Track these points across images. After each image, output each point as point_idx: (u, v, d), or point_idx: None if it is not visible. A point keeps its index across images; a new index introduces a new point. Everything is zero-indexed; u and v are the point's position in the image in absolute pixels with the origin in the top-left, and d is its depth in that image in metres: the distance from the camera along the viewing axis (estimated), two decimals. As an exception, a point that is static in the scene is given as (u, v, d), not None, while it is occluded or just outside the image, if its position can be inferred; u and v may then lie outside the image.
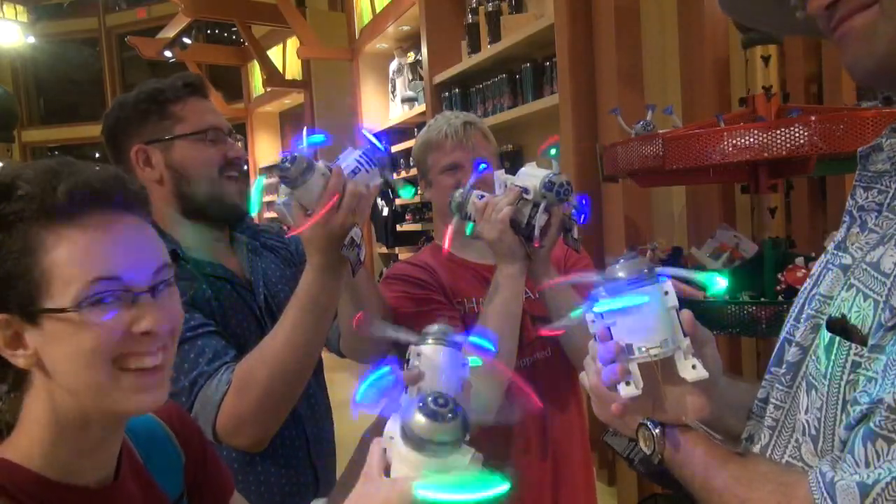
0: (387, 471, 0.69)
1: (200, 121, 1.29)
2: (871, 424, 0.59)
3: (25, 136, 10.54)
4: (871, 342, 0.62)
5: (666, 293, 0.73)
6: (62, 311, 0.70)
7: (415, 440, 0.64)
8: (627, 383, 0.74)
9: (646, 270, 0.74)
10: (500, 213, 1.26)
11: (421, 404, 0.64)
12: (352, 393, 0.76)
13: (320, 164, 1.10)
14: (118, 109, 1.31)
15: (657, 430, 0.76)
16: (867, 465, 0.58)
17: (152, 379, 0.75)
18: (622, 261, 0.75)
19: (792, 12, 0.68)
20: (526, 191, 1.28)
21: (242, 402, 1.08)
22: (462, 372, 0.83)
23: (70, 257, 0.70)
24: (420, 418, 0.63)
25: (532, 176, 1.29)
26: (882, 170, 0.70)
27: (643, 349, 0.73)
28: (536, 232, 1.26)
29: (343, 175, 1.10)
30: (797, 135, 1.45)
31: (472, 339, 0.85)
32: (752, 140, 1.51)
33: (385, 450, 0.70)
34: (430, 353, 0.81)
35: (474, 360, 0.85)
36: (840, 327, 0.67)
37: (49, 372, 0.72)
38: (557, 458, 1.47)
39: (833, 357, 0.67)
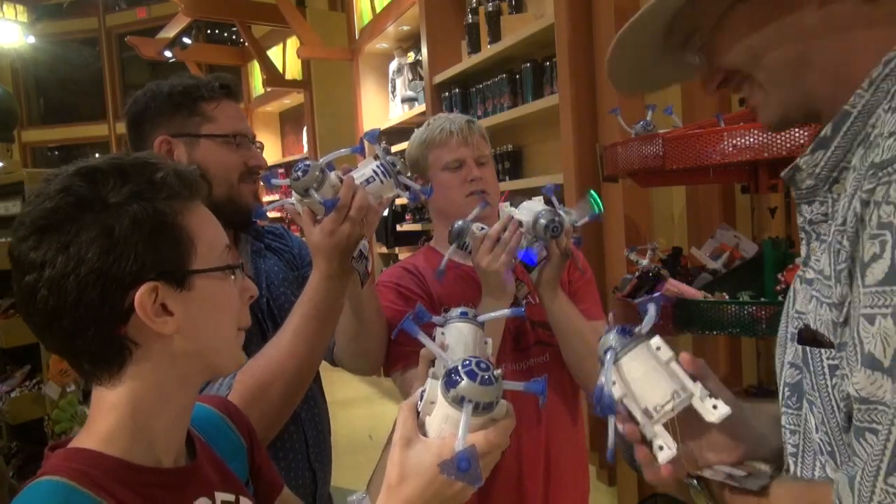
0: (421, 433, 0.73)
1: (230, 124, 1.30)
2: (855, 422, 0.61)
3: (25, 136, 10.54)
4: (836, 342, 0.65)
5: (658, 348, 0.74)
6: (228, 267, 0.78)
7: (463, 402, 0.69)
8: (661, 448, 0.73)
9: (634, 333, 0.74)
10: (500, 248, 1.31)
11: (468, 370, 0.69)
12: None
13: (333, 174, 1.10)
14: (150, 98, 1.30)
15: (701, 485, 0.76)
16: None
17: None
18: (613, 333, 0.75)
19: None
20: (521, 223, 1.34)
21: (243, 406, 1.07)
22: (484, 349, 0.92)
23: (205, 224, 0.78)
24: (469, 383, 0.69)
25: (530, 210, 1.35)
26: (811, 184, 0.72)
27: (659, 408, 0.73)
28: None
29: (353, 186, 1.09)
30: (797, 135, 1.45)
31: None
32: (752, 140, 1.50)
33: (419, 414, 0.74)
34: (457, 328, 0.90)
35: None
36: (809, 337, 0.68)
37: (187, 335, 0.75)
38: (551, 460, 1.47)
39: (812, 367, 0.68)
